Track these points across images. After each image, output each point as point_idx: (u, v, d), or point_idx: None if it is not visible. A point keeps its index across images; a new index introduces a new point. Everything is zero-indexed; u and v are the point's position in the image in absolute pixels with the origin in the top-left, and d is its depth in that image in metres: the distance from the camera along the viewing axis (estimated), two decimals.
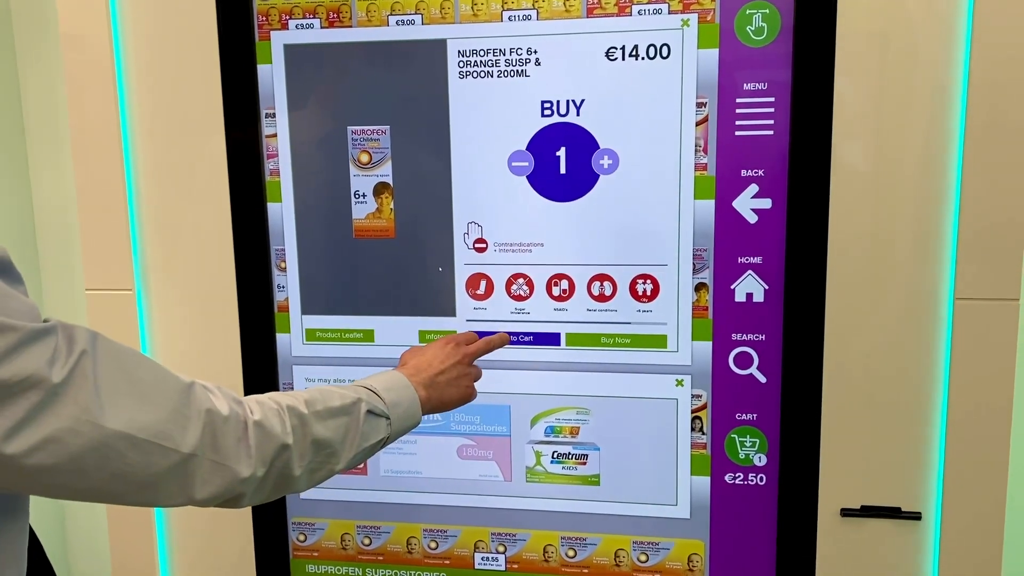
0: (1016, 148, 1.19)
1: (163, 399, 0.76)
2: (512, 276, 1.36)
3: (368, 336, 1.42)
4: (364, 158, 1.37)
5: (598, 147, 1.31)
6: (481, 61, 1.31)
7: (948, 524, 1.29)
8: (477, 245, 1.36)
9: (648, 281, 1.33)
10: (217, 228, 1.42)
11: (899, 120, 1.23)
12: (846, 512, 1.31)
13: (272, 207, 1.41)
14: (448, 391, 1.11)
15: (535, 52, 1.30)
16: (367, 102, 1.35)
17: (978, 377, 1.25)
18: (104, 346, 0.74)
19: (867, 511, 1.31)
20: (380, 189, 1.37)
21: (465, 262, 1.37)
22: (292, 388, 1.46)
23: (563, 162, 1.32)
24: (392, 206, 1.37)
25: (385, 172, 1.37)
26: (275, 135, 1.39)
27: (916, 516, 1.30)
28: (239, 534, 1.50)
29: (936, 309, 1.25)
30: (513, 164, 1.33)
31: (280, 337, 1.45)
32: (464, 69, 1.32)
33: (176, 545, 1.54)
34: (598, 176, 1.31)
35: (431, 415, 1.14)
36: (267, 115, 1.39)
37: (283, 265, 1.42)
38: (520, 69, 1.30)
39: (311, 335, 1.44)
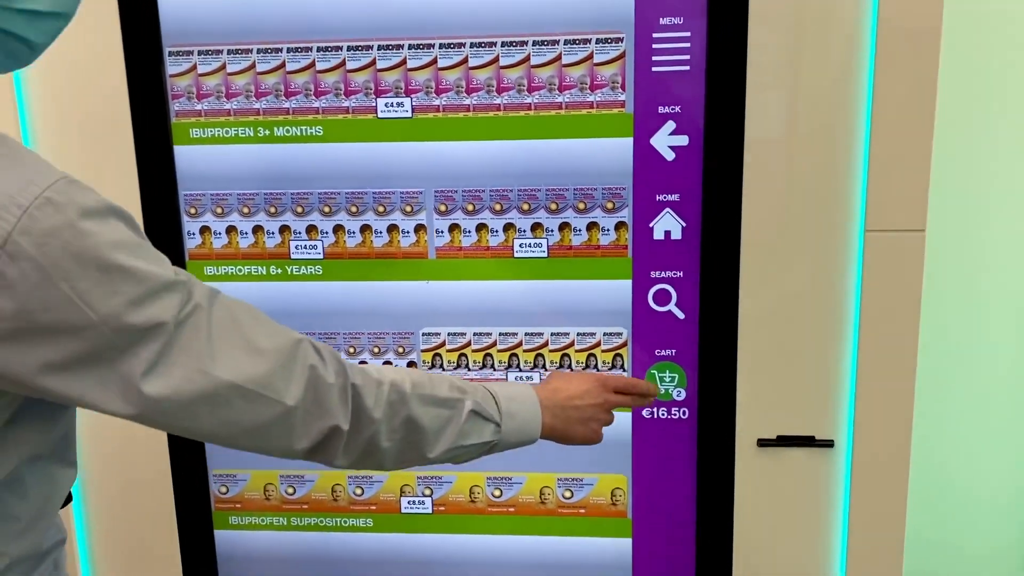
0: (920, 84, 1.22)
1: (272, 354, 0.80)
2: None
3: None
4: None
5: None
6: None
7: (859, 451, 1.33)
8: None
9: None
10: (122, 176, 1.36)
11: (812, 57, 1.24)
12: (763, 442, 1.34)
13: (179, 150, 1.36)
14: (575, 427, 1.07)
15: None
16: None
17: (887, 307, 1.28)
18: (222, 301, 0.79)
19: (783, 441, 1.34)
20: None
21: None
22: None
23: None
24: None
25: None
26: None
27: (829, 444, 1.34)
28: (159, 488, 1.47)
29: (847, 241, 1.28)
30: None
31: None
32: None
33: (93, 502, 1.50)
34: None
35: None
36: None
37: (193, 211, 1.38)
38: None
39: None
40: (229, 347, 0.77)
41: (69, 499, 0.88)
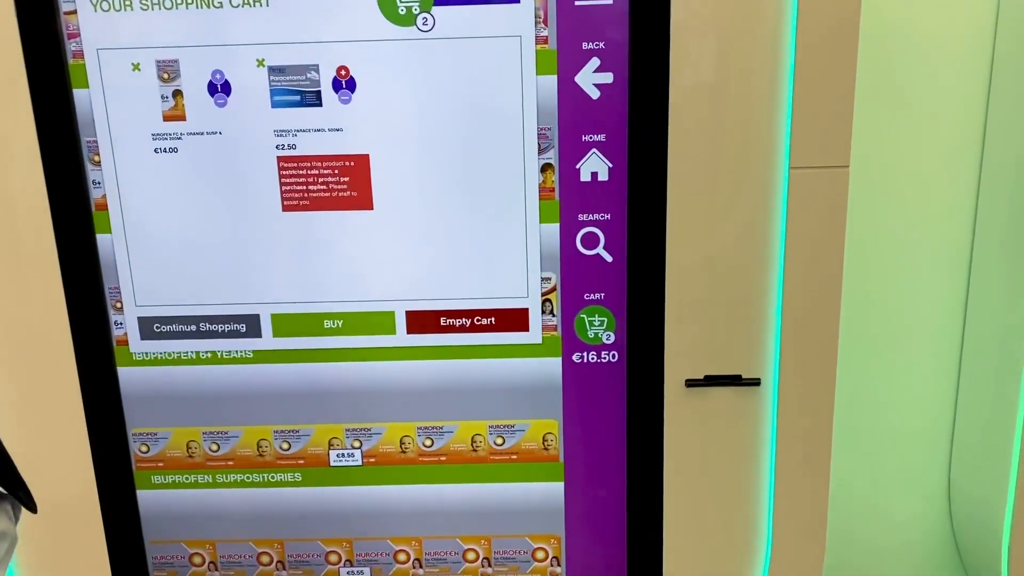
0: (843, 20, 1.20)
1: None
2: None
3: None
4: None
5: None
6: None
7: (784, 389, 1.34)
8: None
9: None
10: (17, 116, 1.27)
11: None
12: (691, 383, 1.35)
13: (79, 93, 1.27)
14: None
15: None
16: None
17: (812, 245, 1.29)
18: None
19: (710, 380, 1.35)
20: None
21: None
22: (119, 292, 1.36)
23: None
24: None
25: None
26: (75, 12, 1.24)
27: (756, 382, 1.35)
28: (75, 448, 1.41)
29: (773, 180, 1.27)
30: None
31: (101, 238, 1.33)
32: None
33: None
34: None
35: None
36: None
37: (96, 159, 1.30)
38: None
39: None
40: None
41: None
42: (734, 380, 1.34)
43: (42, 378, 1.37)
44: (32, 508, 0.82)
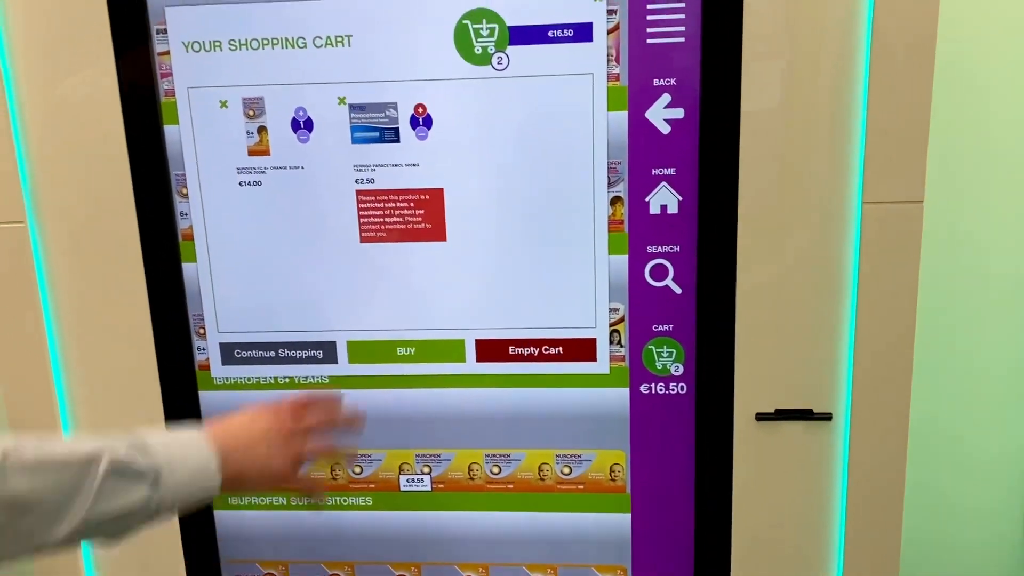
0: (919, 52, 1.20)
1: None
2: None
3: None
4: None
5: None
6: None
7: (857, 424, 1.33)
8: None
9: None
10: (112, 154, 1.34)
11: (809, 25, 1.22)
12: (761, 416, 1.34)
13: (169, 130, 1.34)
14: (251, 464, 0.87)
15: None
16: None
17: (885, 279, 1.28)
18: None
19: (781, 414, 1.34)
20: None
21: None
22: (203, 319, 1.41)
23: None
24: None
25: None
26: (168, 52, 1.31)
27: (827, 417, 1.34)
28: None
29: (845, 213, 1.27)
30: None
31: (187, 267, 1.39)
32: None
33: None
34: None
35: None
36: (158, 31, 1.30)
37: (184, 191, 1.36)
38: None
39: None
40: None
41: None
42: (805, 414, 1.33)
43: (128, 402, 1.44)
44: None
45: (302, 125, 1.32)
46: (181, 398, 1.44)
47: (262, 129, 1.33)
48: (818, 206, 1.27)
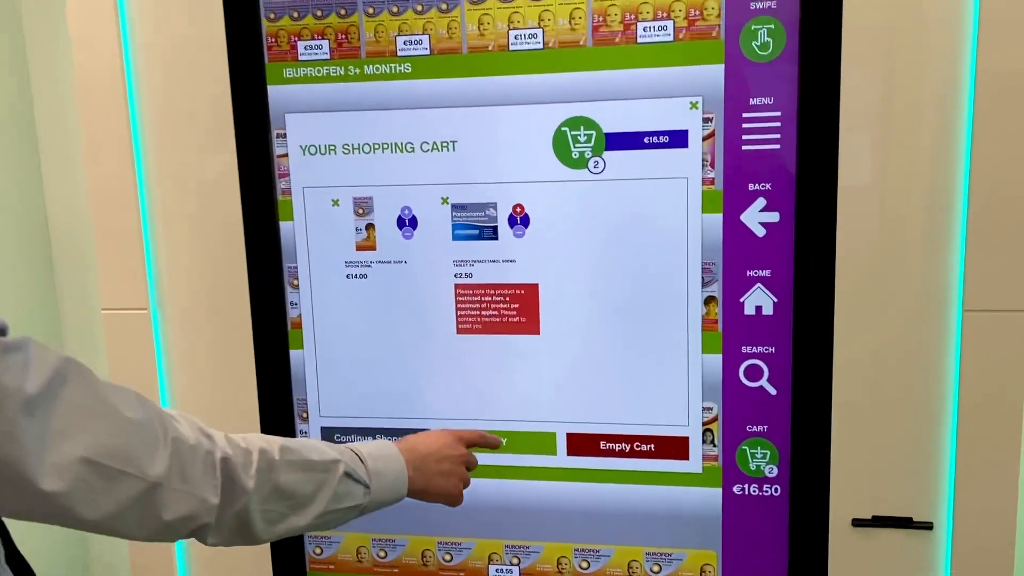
0: (1019, 160, 1.20)
1: (130, 425, 0.76)
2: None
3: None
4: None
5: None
6: None
7: (960, 534, 1.29)
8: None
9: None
10: (230, 246, 1.44)
11: (905, 129, 1.23)
12: (857, 522, 1.31)
13: (284, 225, 1.43)
14: (436, 480, 1.08)
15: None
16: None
17: (987, 387, 1.25)
18: (75, 369, 0.74)
19: (879, 521, 1.31)
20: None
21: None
22: (306, 403, 1.48)
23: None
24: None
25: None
26: (286, 155, 1.41)
27: (928, 526, 1.30)
28: (257, 548, 1.52)
29: (945, 320, 1.25)
30: None
31: (294, 353, 1.47)
32: None
33: (195, 560, 1.56)
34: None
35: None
36: (278, 135, 1.40)
37: (295, 283, 1.44)
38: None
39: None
40: (82, 417, 0.73)
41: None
42: (905, 523, 1.30)
43: None
44: None
45: (407, 223, 1.39)
46: None
47: (370, 226, 1.40)
48: (916, 311, 1.26)
